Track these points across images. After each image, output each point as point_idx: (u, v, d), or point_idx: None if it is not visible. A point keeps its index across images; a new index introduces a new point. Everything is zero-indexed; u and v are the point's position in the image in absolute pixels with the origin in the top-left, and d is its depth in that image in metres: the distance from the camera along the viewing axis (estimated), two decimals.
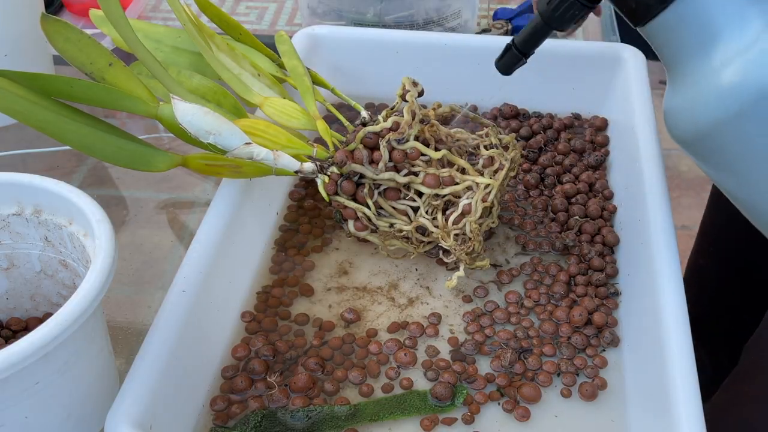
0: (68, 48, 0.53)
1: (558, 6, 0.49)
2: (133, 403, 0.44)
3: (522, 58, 0.54)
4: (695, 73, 0.42)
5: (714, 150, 0.43)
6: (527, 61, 0.55)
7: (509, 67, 0.55)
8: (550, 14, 0.50)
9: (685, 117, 0.43)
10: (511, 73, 0.56)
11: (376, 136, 0.55)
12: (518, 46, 0.54)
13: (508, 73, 0.56)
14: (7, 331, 0.53)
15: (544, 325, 0.55)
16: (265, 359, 0.53)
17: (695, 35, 0.42)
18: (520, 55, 0.54)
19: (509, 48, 0.54)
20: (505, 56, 0.55)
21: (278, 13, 0.96)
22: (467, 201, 0.56)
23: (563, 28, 0.50)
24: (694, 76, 0.42)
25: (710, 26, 0.41)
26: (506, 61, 0.55)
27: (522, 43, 0.53)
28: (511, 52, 0.54)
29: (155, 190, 0.71)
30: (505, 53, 0.55)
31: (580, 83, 0.72)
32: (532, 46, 0.53)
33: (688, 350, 0.47)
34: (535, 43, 0.53)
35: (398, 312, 0.57)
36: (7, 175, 0.50)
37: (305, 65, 0.65)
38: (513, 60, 0.55)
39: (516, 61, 0.55)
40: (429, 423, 0.49)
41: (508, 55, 0.55)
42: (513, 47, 0.54)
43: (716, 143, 0.42)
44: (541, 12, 0.51)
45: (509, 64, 0.55)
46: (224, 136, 0.53)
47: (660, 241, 0.53)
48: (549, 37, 0.53)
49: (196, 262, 0.53)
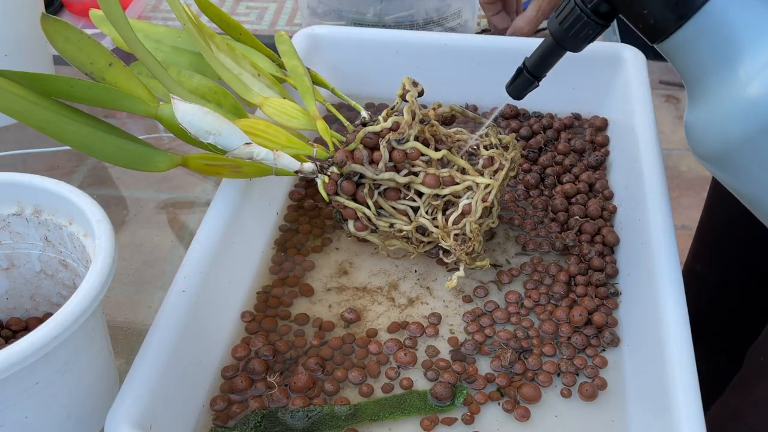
0: (68, 48, 0.53)
1: (572, 26, 0.46)
2: (133, 403, 0.44)
3: (534, 81, 0.51)
4: (719, 89, 0.41)
5: (741, 166, 0.42)
6: (540, 84, 0.52)
7: (521, 92, 0.53)
8: (563, 34, 0.47)
9: (710, 134, 0.42)
10: (523, 97, 0.53)
11: (376, 136, 0.55)
12: (530, 69, 0.51)
13: (519, 97, 0.53)
14: (7, 331, 0.53)
15: (544, 325, 0.55)
16: (265, 359, 0.53)
17: (717, 50, 0.40)
18: (532, 78, 0.51)
19: (520, 71, 0.52)
20: (517, 80, 0.52)
21: (278, 13, 0.96)
22: (467, 201, 0.56)
23: (577, 48, 0.48)
24: (717, 92, 0.41)
25: (732, 40, 0.40)
26: (518, 86, 0.52)
27: (534, 66, 0.51)
28: (523, 76, 0.52)
29: (155, 190, 0.71)
30: (516, 77, 0.52)
31: (580, 83, 0.72)
32: (544, 68, 0.51)
33: (688, 350, 0.47)
34: (548, 66, 0.50)
35: (398, 312, 0.57)
36: (7, 175, 0.50)
37: (305, 65, 0.65)
38: (525, 84, 0.52)
39: (528, 85, 0.52)
40: (429, 423, 0.49)
41: (520, 79, 0.52)
42: (524, 70, 0.51)
43: (743, 159, 0.41)
44: (553, 32, 0.48)
45: (521, 88, 0.52)
46: (224, 136, 0.53)
47: (660, 241, 0.53)
48: None
49: (196, 262, 0.53)
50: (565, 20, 0.47)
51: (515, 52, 0.73)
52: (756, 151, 0.40)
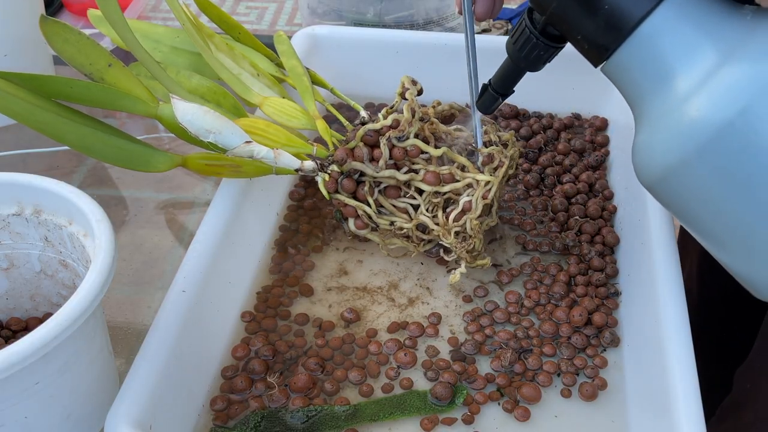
0: (67, 49, 0.53)
1: (523, 48, 0.47)
2: (133, 403, 0.44)
3: (499, 98, 0.53)
4: (654, 112, 0.40)
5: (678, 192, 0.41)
6: (505, 100, 0.53)
7: (488, 107, 0.54)
8: (518, 56, 0.48)
9: (649, 155, 0.41)
10: (492, 112, 0.54)
11: (377, 133, 0.55)
12: (494, 87, 0.52)
13: (489, 112, 0.54)
14: (7, 331, 0.53)
15: (544, 325, 0.55)
16: (265, 359, 0.53)
17: (650, 73, 0.40)
18: (497, 95, 0.53)
19: (485, 88, 0.53)
20: (483, 96, 0.54)
21: (278, 13, 0.96)
22: (468, 198, 0.56)
23: (535, 68, 0.49)
24: (653, 115, 0.41)
25: (663, 63, 0.39)
26: (484, 102, 0.54)
27: (497, 85, 0.52)
28: (488, 93, 0.53)
29: (155, 190, 0.71)
30: (482, 94, 0.54)
31: (580, 83, 0.72)
32: (508, 86, 0.52)
33: (688, 350, 0.47)
34: (511, 84, 0.52)
35: (398, 312, 0.57)
36: (7, 175, 0.50)
37: (305, 65, 0.65)
38: (491, 100, 0.53)
39: (494, 102, 0.53)
40: (429, 423, 0.49)
41: (486, 96, 0.53)
42: (489, 88, 0.53)
43: (680, 184, 0.40)
44: (509, 53, 0.49)
45: (488, 104, 0.54)
46: (224, 135, 0.53)
47: (660, 241, 0.53)
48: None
49: (196, 262, 0.53)
50: (518, 42, 0.48)
51: None
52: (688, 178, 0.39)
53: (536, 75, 0.72)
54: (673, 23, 0.39)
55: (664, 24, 0.39)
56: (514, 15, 0.90)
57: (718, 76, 0.38)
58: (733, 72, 0.37)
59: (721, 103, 0.37)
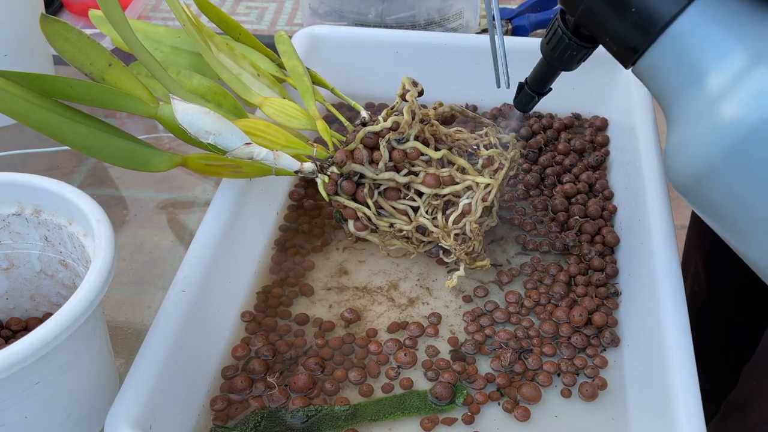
0: (68, 48, 0.53)
1: (556, 48, 0.48)
2: (133, 403, 0.44)
3: (535, 97, 0.54)
4: (685, 113, 0.40)
5: (707, 196, 0.40)
6: (541, 99, 0.54)
7: (525, 105, 0.55)
8: (551, 55, 0.49)
9: (680, 158, 0.41)
10: (530, 110, 0.55)
11: (376, 135, 0.55)
12: (531, 86, 0.54)
13: (525, 110, 0.56)
14: (7, 331, 0.53)
15: (544, 325, 0.55)
16: (265, 359, 0.53)
17: (680, 74, 0.40)
18: (533, 94, 0.54)
19: (522, 87, 0.54)
20: (520, 95, 0.55)
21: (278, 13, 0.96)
22: (467, 201, 0.56)
23: (569, 68, 0.50)
24: (684, 116, 0.40)
25: (693, 64, 0.39)
26: (521, 100, 0.55)
27: (533, 84, 0.53)
28: (525, 92, 0.54)
29: (155, 190, 0.71)
30: (519, 92, 0.55)
31: (580, 83, 0.72)
32: (543, 85, 0.53)
33: (688, 350, 0.47)
34: (546, 83, 0.53)
35: (398, 312, 0.57)
36: (7, 175, 0.50)
37: (305, 65, 0.65)
38: (527, 99, 0.54)
39: (530, 100, 0.54)
40: (429, 423, 0.49)
41: (522, 94, 0.55)
42: (526, 87, 0.54)
43: (709, 188, 0.40)
44: (544, 53, 0.50)
45: (524, 102, 0.55)
46: (224, 136, 0.53)
47: (660, 241, 0.53)
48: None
49: (196, 262, 0.53)
50: (551, 42, 0.48)
51: (515, 53, 0.73)
52: (720, 179, 0.39)
53: None
54: (703, 24, 0.39)
55: (694, 24, 0.39)
56: (514, 15, 0.90)
57: (748, 78, 0.37)
58: (764, 74, 0.37)
59: (752, 106, 0.37)
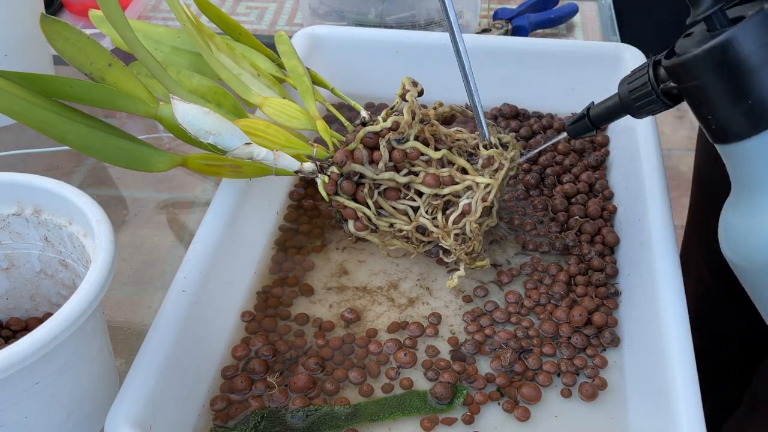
0: (68, 48, 0.53)
1: (639, 98, 0.47)
2: (133, 403, 0.44)
3: (593, 129, 0.54)
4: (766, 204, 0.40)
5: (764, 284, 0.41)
6: (596, 133, 0.54)
7: (578, 134, 0.55)
8: (629, 102, 0.48)
9: (749, 243, 0.41)
10: (578, 138, 0.55)
11: (376, 135, 0.55)
12: (592, 118, 0.53)
13: (575, 137, 0.56)
14: (7, 331, 0.53)
15: (544, 325, 0.55)
16: (265, 359, 0.53)
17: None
18: (591, 126, 0.54)
19: (582, 117, 0.54)
20: (577, 123, 0.54)
21: (278, 13, 0.96)
22: (467, 201, 0.56)
23: (639, 116, 0.49)
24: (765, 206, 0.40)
25: None
26: (576, 128, 0.55)
27: (596, 118, 0.53)
28: (584, 122, 0.54)
29: (155, 190, 0.71)
30: (578, 120, 0.54)
31: (580, 83, 0.72)
32: (605, 122, 0.53)
33: (688, 350, 0.47)
34: (609, 121, 0.53)
35: (398, 312, 0.57)
36: (7, 175, 0.50)
37: (305, 65, 0.65)
38: (583, 129, 0.54)
39: (586, 131, 0.54)
40: (429, 423, 0.49)
41: (580, 124, 0.54)
42: (587, 117, 0.53)
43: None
44: (621, 96, 0.49)
45: (579, 131, 0.55)
46: (224, 136, 0.53)
47: (660, 241, 0.53)
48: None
49: (196, 262, 0.53)
50: (635, 90, 0.47)
51: (515, 53, 0.73)
52: None
53: (536, 75, 0.73)
54: None
55: None
56: (514, 15, 0.90)
57: None
58: None
59: None
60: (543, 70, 0.72)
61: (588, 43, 0.77)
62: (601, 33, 0.90)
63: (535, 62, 0.72)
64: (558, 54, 0.72)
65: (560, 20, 0.90)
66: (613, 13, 0.93)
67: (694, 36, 0.42)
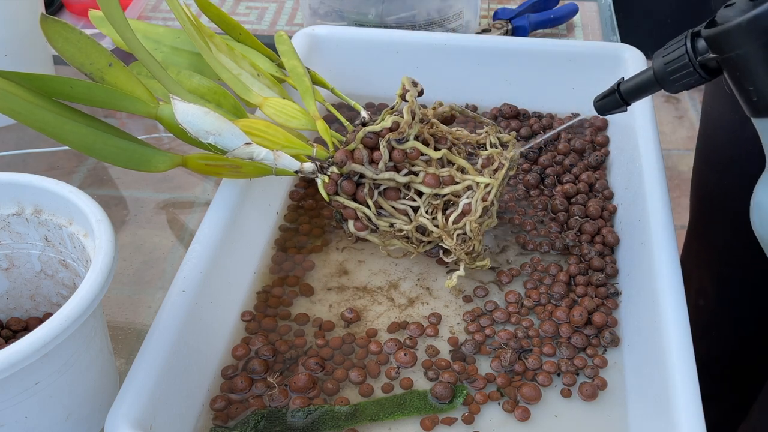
0: (68, 48, 0.53)
1: (676, 71, 0.46)
2: (133, 403, 0.44)
3: (623, 105, 0.52)
4: None
5: None
6: (626, 110, 0.53)
7: (607, 110, 0.54)
8: (664, 75, 0.47)
9: None
10: (606, 115, 0.54)
11: (376, 135, 0.55)
12: (623, 93, 0.52)
13: (603, 114, 0.54)
14: (7, 331, 0.53)
15: (544, 325, 0.55)
16: (265, 359, 0.53)
17: None
18: (622, 102, 0.52)
19: (613, 92, 0.53)
20: (607, 98, 0.53)
21: (278, 13, 0.96)
22: (467, 200, 0.56)
23: (673, 90, 0.48)
24: None
25: None
26: (605, 104, 0.53)
27: (627, 92, 0.52)
28: (614, 97, 0.52)
29: (155, 190, 0.71)
30: (607, 95, 0.53)
31: (580, 83, 0.72)
32: (636, 97, 0.52)
33: (688, 350, 0.47)
34: (641, 96, 0.51)
35: (398, 312, 0.57)
36: (7, 175, 0.50)
37: (305, 65, 0.65)
38: (613, 105, 0.53)
39: (616, 107, 0.53)
40: (429, 423, 0.49)
41: (610, 99, 0.53)
42: (617, 92, 0.52)
43: None
44: (656, 70, 0.48)
45: (608, 107, 0.53)
46: (224, 136, 0.53)
47: (660, 241, 0.53)
48: None
49: (196, 262, 0.53)
50: (671, 63, 0.46)
51: (515, 53, 0.73)
52: None
53: (536, 75, 0.73)
54: None
55: None
56: (514, 15, 0.90)
57: None
58: None
59: None
60: (543, 70, 0.72)
61: (588, 43, 0.76)
62: (601, 33, 0.90)
63: (535, 62, 0.72)
64: (558, 54, 0.72)
65: (560, 20, 0.90)
66: (613, 13, 0.93)
67: (736, 5, 0.41)
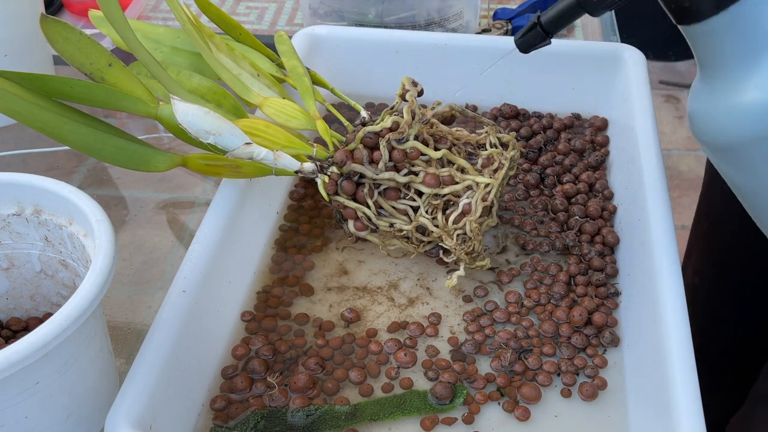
0: (68, 48, 0.53)
1: None
2: (133, 403, 0.44)
3: (546, 37, 0.51)
4: (739, 82, 0.40)
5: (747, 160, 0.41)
6: (551, 42, 0.51)
7: (530, 46, 0.52)
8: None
9: (719, 124, 0.41)
10: (530, 51, 0.52)
11: (376, 135, 0.55)
12: (544, 25, 0.50)
13: (526, 51, 0.52)
14: (7, 331, 0.53)
15: (544, 325, 0.55)
16: (265, 359, 0.53)
17: (746, 44, 0.40)
18: (544, 34, 0.50)
19: (534, 26, 0.51)
20: (528, 34, 0.51)
21: (278, 13, 0.96)
22: (467, 200, 0.56)
23: (596, 12, 0.47)
24: (736, 85, 0.40)
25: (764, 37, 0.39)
26: (528, 39, 0.51)
27: (549, 23, 0.50)
28: (536, 31, 0.51)
29: (155, 190, 0.71)
30: (528, 31, 0.51)
31: (580, 83, 0.72)
32: (559, 26, 0.50)
33: (688, 350, 0.47)
34: (563, 24, 0.50)
35: (398, 312, 0.57)
36: (7, 175, 0.50)
37: (305, 65, 0.65)
38: (536, 39, 0.51)
39: (539, 41, 0.51)
40: (429, 423, 0.49)
41: (532, 34, 0.51)
42: (538, 26, 0.50)
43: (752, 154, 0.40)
44: None
45: (531, 42, 0.51)
46: (224, 136, 0.53)
47: (660, 241, 0.53)
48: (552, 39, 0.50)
49: (196, 262, 0.53)
50: None
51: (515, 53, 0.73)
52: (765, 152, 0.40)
53: (536, 75, 0.73)
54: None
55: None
56: (514, 15, 0.90)
57: None
58: None
59: None
60: (543, 70, 0.72)
61: (588, 43, 0.76)
62: (601, 33, 0.90)
63: (535, 62, 0.72)
64: (558, 54, 0.72)
65: None
66: (613, 13, 0.93)
67: None
